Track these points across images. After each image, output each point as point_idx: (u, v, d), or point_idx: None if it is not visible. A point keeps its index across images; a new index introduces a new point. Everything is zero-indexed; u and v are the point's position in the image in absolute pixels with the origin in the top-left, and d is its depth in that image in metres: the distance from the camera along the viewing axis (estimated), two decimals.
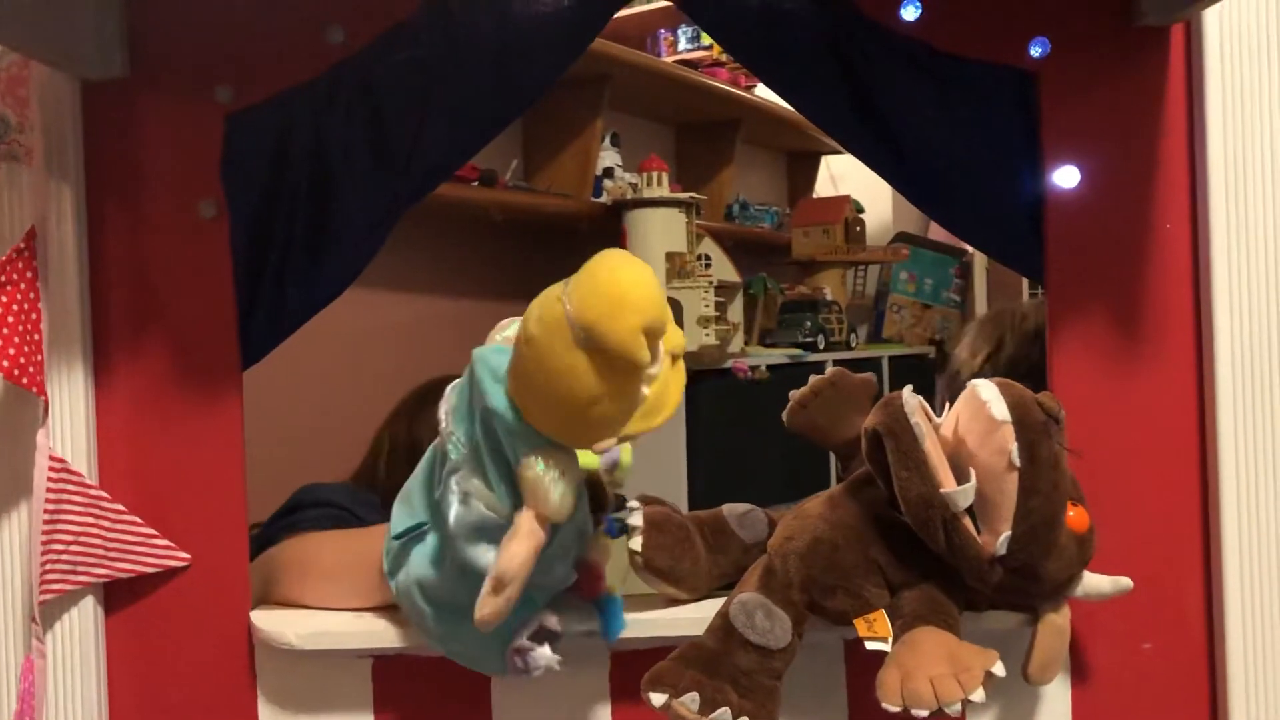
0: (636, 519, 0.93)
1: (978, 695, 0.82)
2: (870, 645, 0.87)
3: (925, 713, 0.81)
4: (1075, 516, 0.88)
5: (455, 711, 0.98)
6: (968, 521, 0.85)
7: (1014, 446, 0.84)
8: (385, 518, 0.93)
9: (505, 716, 0.98)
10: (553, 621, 0.85)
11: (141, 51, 0.98)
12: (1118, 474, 0.96)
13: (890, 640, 0.87)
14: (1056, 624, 0.91)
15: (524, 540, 0.77)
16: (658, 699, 0.85)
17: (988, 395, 0.85)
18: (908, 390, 0.86)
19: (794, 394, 1.07)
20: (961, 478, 0.85)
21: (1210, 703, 0.97)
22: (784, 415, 1.07)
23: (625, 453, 0.86)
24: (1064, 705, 0.98)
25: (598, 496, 0.87)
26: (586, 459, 0.83)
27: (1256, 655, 0.94)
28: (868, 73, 0.99)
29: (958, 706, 0.82)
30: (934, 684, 0.81)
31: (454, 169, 1.29)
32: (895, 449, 0.85)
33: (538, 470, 0.77)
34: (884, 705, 0.83)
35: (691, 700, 0.85)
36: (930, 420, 0.86)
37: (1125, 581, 0.92)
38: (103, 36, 0.96)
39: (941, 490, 0.84)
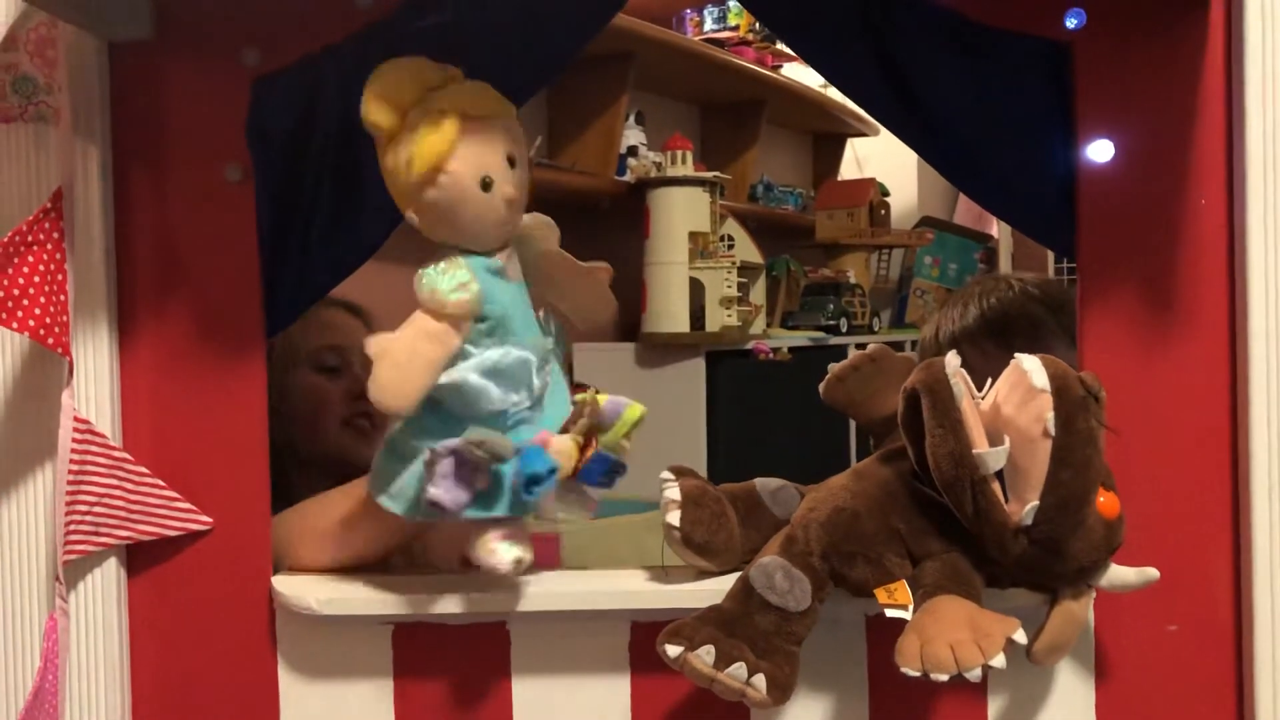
0: (673, 493, 0.93)
1: (998, 661, 0.81)
2: (890, 613, 0.86)
3: (945, 677, 0.81)
4: (1106, 501, 0.87)
5: (474, 677, 0.98)
6: (996, 486, 0.84)
7: (1050, 415, 0.83)
8: None
9: (524, 683, 0.97)
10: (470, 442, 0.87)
11: (168, 13, 0.97)
12: (1148, 453, 0.95)
13: (910, 608, 0.86)
14: (1072, 610, 0.90)
15: (406, 327, 0.87)
16: (673, 650, 0.85)
17: (1029, 365, 0.85)
18: (951, 354, 0.86)
19: (833, 367, 1.06)
20: (996, 446, 0.84)
21: (1236, 686, 0.95)
22: (821, 387, 1.06)
23: (632, 410, 0.93)
24: (1087, 686, 0.97)
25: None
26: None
27: None
28: (899, 43, 0.98)
29: (978, 672, 0.81)
30: (954, 649, 0.81)
31: None
32: (931, 406, 0.85)
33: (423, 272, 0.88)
34: (903, 670, 0.83)
35: (707, 653, 0.84)
36: (971, 391, 0.86)
37: (1152, 573, 0.90)
38: None
39: (974, 450, 0.83)
